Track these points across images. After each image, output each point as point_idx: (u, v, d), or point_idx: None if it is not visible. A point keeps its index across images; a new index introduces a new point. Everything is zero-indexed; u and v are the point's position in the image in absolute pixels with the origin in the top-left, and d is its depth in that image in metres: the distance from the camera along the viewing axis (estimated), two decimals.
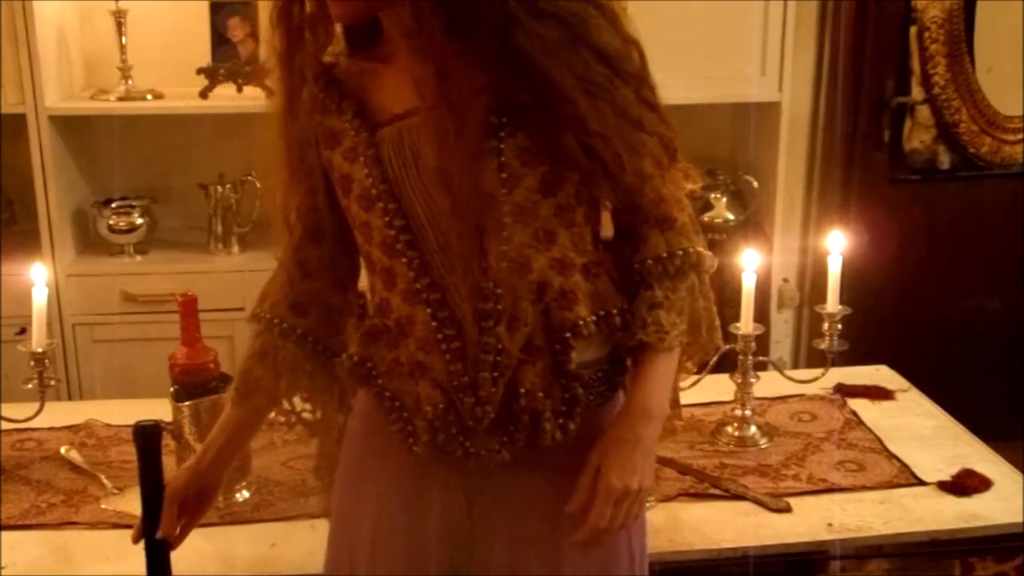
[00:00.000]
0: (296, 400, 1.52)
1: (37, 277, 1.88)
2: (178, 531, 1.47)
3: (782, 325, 3.66)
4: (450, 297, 1.32)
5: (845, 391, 2.22)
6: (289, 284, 1.47)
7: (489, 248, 1.29)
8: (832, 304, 2.01)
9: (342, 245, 1.43)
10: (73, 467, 1.92)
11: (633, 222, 1.36)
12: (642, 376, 1.36)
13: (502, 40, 1.24)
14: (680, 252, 1.36)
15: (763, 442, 2.00)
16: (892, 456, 1.95)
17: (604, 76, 1.27)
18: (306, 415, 1.53)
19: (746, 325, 1.98)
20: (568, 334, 1.33)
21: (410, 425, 1.36)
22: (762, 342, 2.20)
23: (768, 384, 2.16)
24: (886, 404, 2.18)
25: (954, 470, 1.88)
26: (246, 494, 1.81)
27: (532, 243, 1.30)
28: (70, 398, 2.91)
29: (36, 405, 1.92)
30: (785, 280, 3.59)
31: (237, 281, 2.96)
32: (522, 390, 1.33)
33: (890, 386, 2.25)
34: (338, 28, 1.39)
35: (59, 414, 2.07)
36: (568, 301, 1.33)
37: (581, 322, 1.33)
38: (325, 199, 1.40)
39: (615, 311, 1.36)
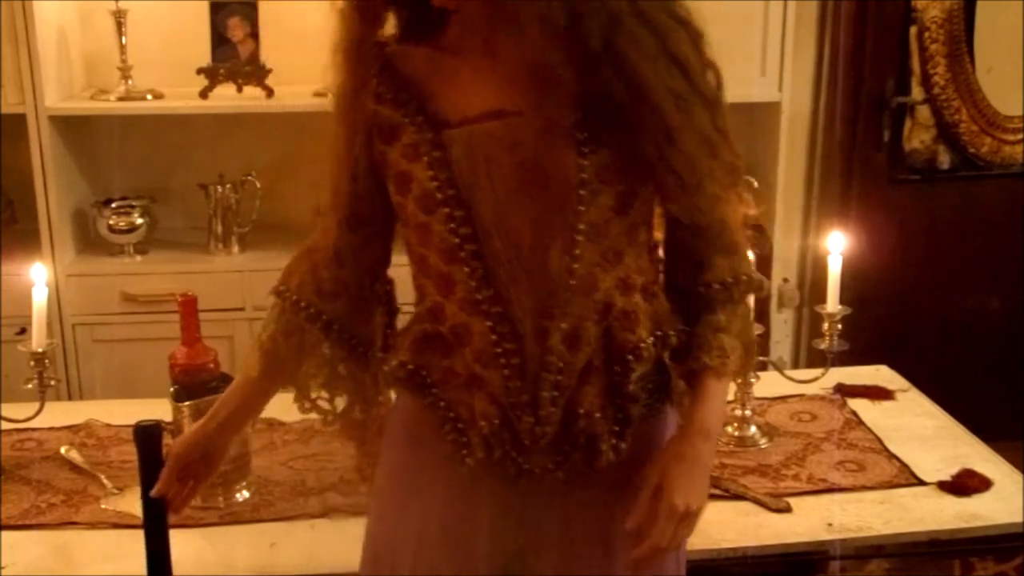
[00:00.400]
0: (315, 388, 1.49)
1: (37, 277, 1.88)
2: (184, 493, 1.46)
3: (782, 325, 3.66)
4: (512, 311, 1.28)
5: (845, 391, 2.22)
6: (318, 269, 1.42)
7: (559, 264, 1.26)
8: (832, 304, 2.01)
9: (377, 235, 1.40)
10: (73, 467, 1.92)
11: (696, 245, 1.35)
12: (701, 396, 1.34)
13: (604, 41, 1.20)
14: (744, 278, 1.36)
15: (763, 442, 2.00)
16: (892, 456, 1.95)
17: (687, 92, 1.25)
18: (322, 403, 1.49)
19: None
20: (630, 356, 1.31)
21: (464, 436, 1.33)
22: (762, 342, 2.20)
23: (768, 384, 2.16)
24: (886, 404, 2.18)
25: (954, 470, 1.88)
26: (246, 494, 1.81)
27: (600, 262, 1.28)
28: (70, 398, 2.91)
29: (36, 405, 1.92)
30: (785, 280, 3.59)
31: (237, 281, 2.96)
32: (580, 411, 1.30)
33: (890, 386, 2.25)
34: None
35: (59, 414, 2.07)
36: (630, 322, 1.31)
37: (643, 344, 1.31)
38: (367, 189, 1.35)
39: (671, 332, 1.34)
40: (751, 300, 1.42)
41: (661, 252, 1.39)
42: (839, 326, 2.01)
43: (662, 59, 1.23)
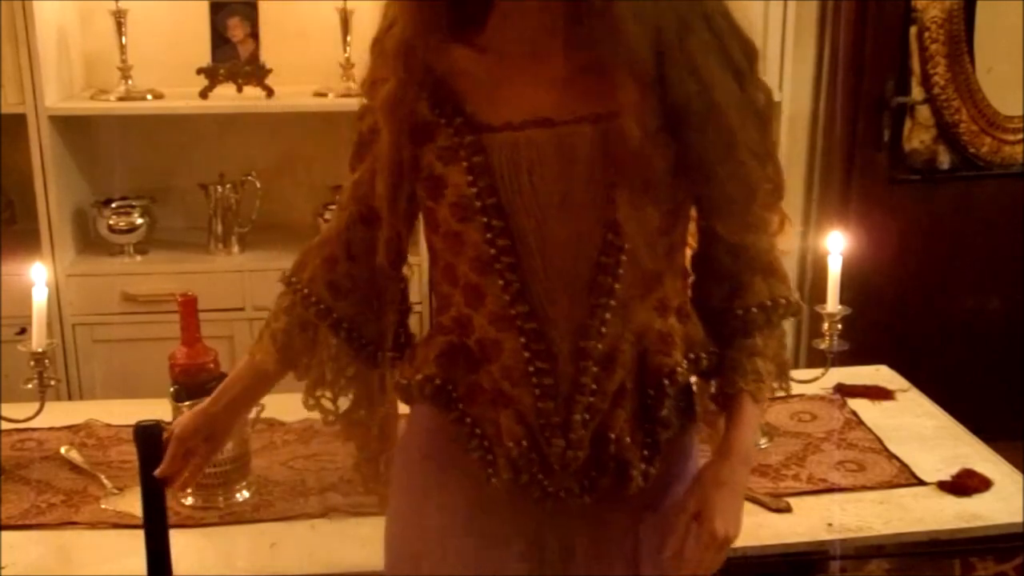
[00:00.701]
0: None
1: (37, 277, 1.88)
2: (186, 473, 1.43)
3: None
4: (548, 329, 1.23)
5: (845, 391, 2.22)
6: (331, 263, 1.37)
7: (600, 284, 1.22)
8: (832, 304, 2.01)
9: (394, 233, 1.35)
10: (73, 467, 1.92)
11: (735, 266, 1.33)
12: (738, 421, 1.32)
13: (679, 42, 1.16)
14: (783, 301, 1.36)
15: (763, 442, 1.99)
16: (892, 456, 1.95)
17: (743, 103, 1.22)
18: (326, 402, 1.44)
19: None
20: (665, 380, 1.27)
21: (490, 455, 1.28)
22: None
23: None
24: (886, 404, 2.18)
25: (954, 470, 1.88)
26: (246, 494, 1.81)
27: (642, 283, 1.24)
28: (70, 398, 2.90)
29: (36, 405, 1.92)
30: None
31: (237, 281, 2.96)
32: (612, 435, 1.26)
33: (890, 386, 2.25)
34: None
35: (59, 414, 2.07)
36: (666, 345, 1.27)
37: (679, 368, 1.27)
38: (388, 189, 1.28)
39: (704, 355, 1.32)
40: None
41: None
42: (839, 326, 2.01)
43: (726, 65, 1.20)
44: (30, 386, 1.90)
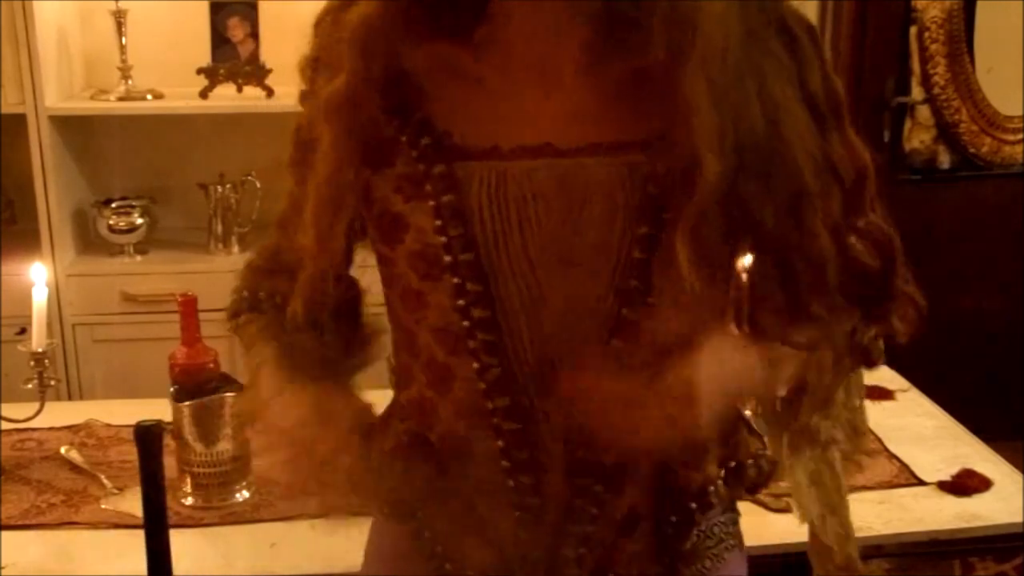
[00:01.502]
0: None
1: (37, 277, 1.88)
2: None
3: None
4: (536, 433, 0.93)
5: None
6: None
7: (612, 375, 0.91)
8: None
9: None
10: (73, 467, 1.91)
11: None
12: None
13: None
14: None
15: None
16: (892, 456, 1.95)
17: (819, 152, 0.94)
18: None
19: None
20: (693, 503, 0.97)
21: None
22: None
23: None
24: (886, 404, 2.18)
25: (954, 470, 1.87)
26: (246, 494, 1.81)
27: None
28: (70, 398, 2.90)
29: (36, 405, 1.92)
30: None
31: None
32: None
33: (890, 386, 2.25)
34: None
35: (59, 414, 2.07)
36: (696, 453, 0.97)
37: (712, 487, 0.98)
38: (319, 216, 0.96)
39: (749, 462, 1.02)
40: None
41: None
42: None
43: (801, 98, 0.93)
44: (30, 386, 1.90)
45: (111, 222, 3.04)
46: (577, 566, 0.96)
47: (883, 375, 2.32)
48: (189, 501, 1.78)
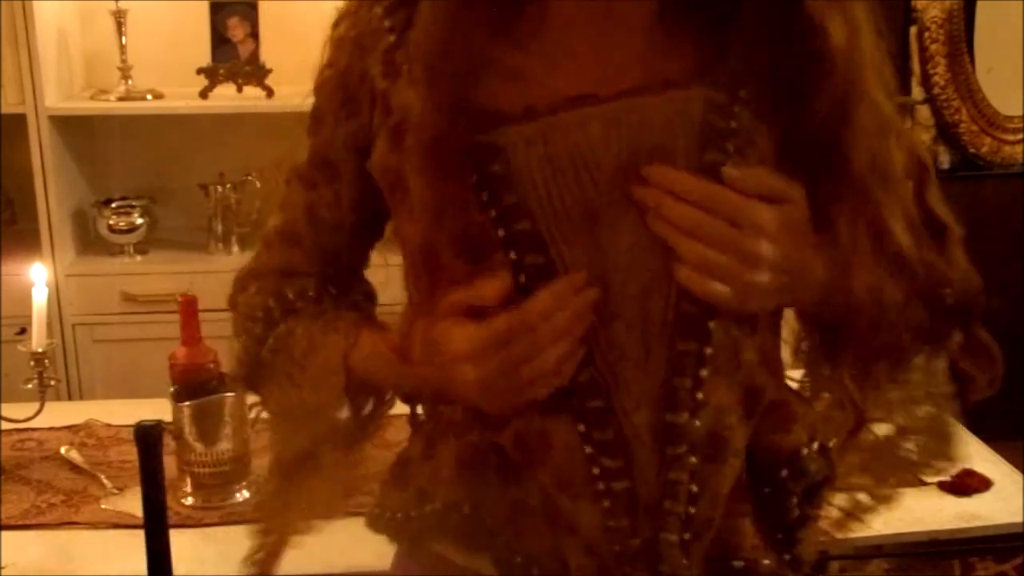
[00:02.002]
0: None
1: (37, 277, 1.88)
2: None
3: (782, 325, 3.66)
4: (618, 403, 0.84)
5: None
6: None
7: (690, 319, 0.84)
8: None
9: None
10: (73, 467, 1.91)
11: None
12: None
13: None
14: None
15: None
16: None
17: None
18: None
19: None
20: (784, 469, 0.89)
21: None
22: None
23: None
24: None
25: (954, 470, 1.87)
26: (246, 494, 1.81)
27: (740, 323, 0.87)
28: (70, 398, 2.90)
29: (36, 405, 1.92)
30: None
31: None
32: (738, 564, 0.89)
33: None
34: None
35: (59, 414, 2.07)
36: (784, 417, 0.90)
37: (804, 450, 0.89)
38: (426, 245, 0.88)
39: (830, 443, 0.94)
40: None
41: None
42: None
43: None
44: (30, 386, 1.90)
45: (111, 222, 3.04)
46: (683, 552, 0.84)
47: None
48: (189, 501, 1.78)
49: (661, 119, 0.83)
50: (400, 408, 1.03)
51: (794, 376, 0.99)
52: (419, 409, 0.99)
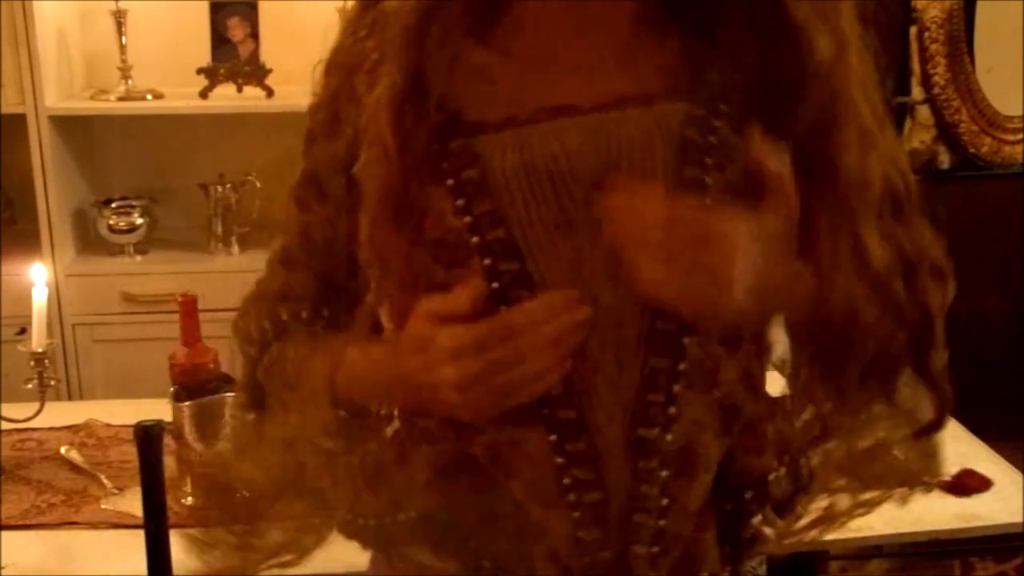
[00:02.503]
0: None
1: (37, 277, 1.88)
2: None
3: (781, 326, 3.66)
4: (591, 415, 0.84)
5: None
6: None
7: (663, 333, 0.84)
8: None
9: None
10: (73, 467, 1.91)
11: None
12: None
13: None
14: None
15: None
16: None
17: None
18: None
19: None
20: (749, 491, 0.91)
21: None
22: None
23: (768, 384, 2.15)
24: None
25: (954, 470, 1.87)
26: (246, 494, 1.81)
27: (728, 338, 0.87)
28: (70, 398, 2.90)
29: (36, 405, 1.92)
30: None
31: (237, 281, 2.90)
32: None
33: None
34: None
35: (59, 414, 2.07)
36: (757, 439, 0.90)
37: (772, 475, 0.91)
38: (385, 232, 0.88)
39: (802, 460, 0.95)
40: None
41: None
42: None
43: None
44: (30, 386, 1.90)
45: (111, 222, 3.04)
46: (650, 567, 0.86)
47: None
48: (189, 501, 1.78)
49: (640, 132, 0.83)
50: None
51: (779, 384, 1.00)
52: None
